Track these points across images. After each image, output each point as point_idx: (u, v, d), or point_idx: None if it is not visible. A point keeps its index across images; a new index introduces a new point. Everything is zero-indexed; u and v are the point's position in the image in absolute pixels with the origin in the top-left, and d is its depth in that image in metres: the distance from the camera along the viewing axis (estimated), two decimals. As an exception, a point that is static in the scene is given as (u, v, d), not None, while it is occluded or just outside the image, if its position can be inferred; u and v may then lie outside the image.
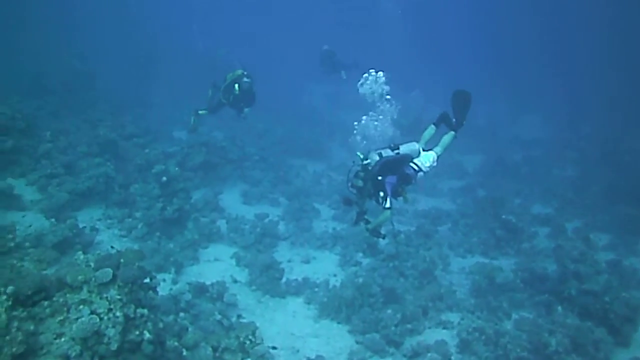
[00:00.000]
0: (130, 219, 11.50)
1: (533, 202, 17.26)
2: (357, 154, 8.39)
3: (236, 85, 12.26)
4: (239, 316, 9.34)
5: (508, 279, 11.00)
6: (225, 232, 12.38)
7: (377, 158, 8.34)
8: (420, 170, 8.62)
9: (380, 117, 9.63)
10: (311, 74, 22.74)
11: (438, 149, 8.97)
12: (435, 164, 8.80)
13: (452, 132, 9.12)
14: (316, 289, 10.52)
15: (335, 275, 11.28)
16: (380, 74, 9.58)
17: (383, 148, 8.56)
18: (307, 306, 10.06)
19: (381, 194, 8.10)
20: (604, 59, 36.61)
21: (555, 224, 14.87)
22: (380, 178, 8.13)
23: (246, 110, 12.63)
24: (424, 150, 8.88)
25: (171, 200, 11.71)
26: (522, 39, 44.73)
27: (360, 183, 8.23)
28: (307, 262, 11.89)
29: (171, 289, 9.61)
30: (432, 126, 9.17)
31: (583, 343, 8.94)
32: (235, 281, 10.50)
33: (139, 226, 11.25)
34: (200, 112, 13.10)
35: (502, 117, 28.94)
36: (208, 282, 9.79)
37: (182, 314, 8.57)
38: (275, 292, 10.26)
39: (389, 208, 8.01)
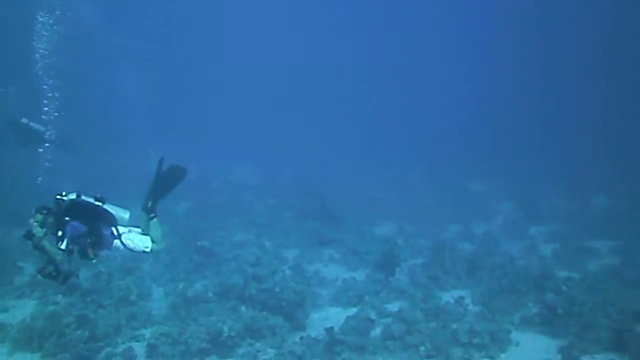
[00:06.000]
0: None
1: (235, 233, 18.96)
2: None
3: None
4: None
5: (199, 292, 12.18)
6: None
7: (74, 198, 7.82)
8: (120, 238, 7.92)
9: None
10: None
11: (156, 245, 8.18)
12: (147, 251, 8.07)
13: (154, 219, 8.23)
14: (9, 328, 10.48)
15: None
16: None
17: (88, 195, 8.00)
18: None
19: (59, 233, 7.48)
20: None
21: (254, 244, 16.30)
22: (67, 218, 7.55)
23: None
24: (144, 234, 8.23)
25: None
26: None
27: (39, 217, 7.46)
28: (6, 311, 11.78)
29: None
30: (142, 212, 8.29)
31: (258, 328, 10.48)
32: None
33: None
34: None
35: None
36: None
37: None
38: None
39: (62, 250, 7.37)
